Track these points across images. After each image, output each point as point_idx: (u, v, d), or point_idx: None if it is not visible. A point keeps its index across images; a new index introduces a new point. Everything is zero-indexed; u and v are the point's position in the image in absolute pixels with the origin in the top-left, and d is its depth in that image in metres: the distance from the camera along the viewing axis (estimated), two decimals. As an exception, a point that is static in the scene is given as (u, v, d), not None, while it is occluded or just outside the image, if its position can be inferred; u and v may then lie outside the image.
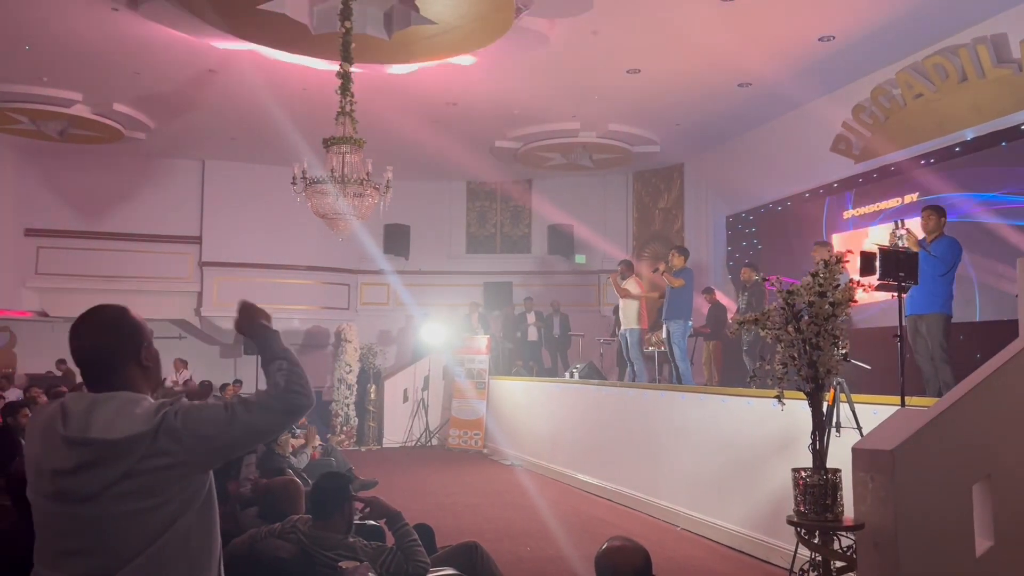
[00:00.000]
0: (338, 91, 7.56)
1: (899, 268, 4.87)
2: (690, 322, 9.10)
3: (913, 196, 9.46)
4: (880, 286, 5.00)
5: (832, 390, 4.62)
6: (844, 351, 3.85)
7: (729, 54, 8.95)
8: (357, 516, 3.72)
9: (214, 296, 14.02)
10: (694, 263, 9.91)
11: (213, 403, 1.80)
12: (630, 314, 9.72)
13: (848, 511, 3.70)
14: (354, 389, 13.38)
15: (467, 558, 3.93)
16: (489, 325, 14.03)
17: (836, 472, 3.72)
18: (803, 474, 3.73)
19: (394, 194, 8.06)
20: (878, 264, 4.83)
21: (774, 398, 4.05)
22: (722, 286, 12.45)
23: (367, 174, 7.62)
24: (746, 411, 6.41)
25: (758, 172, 12.11)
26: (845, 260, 4.05)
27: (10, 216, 13.17)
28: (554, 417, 10.49)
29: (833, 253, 4.07)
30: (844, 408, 4.99)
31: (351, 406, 13.30)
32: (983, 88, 8.21)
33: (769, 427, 5.98)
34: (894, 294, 5.05)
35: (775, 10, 7.89)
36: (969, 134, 8.70)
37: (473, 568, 3.90)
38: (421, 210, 15.01)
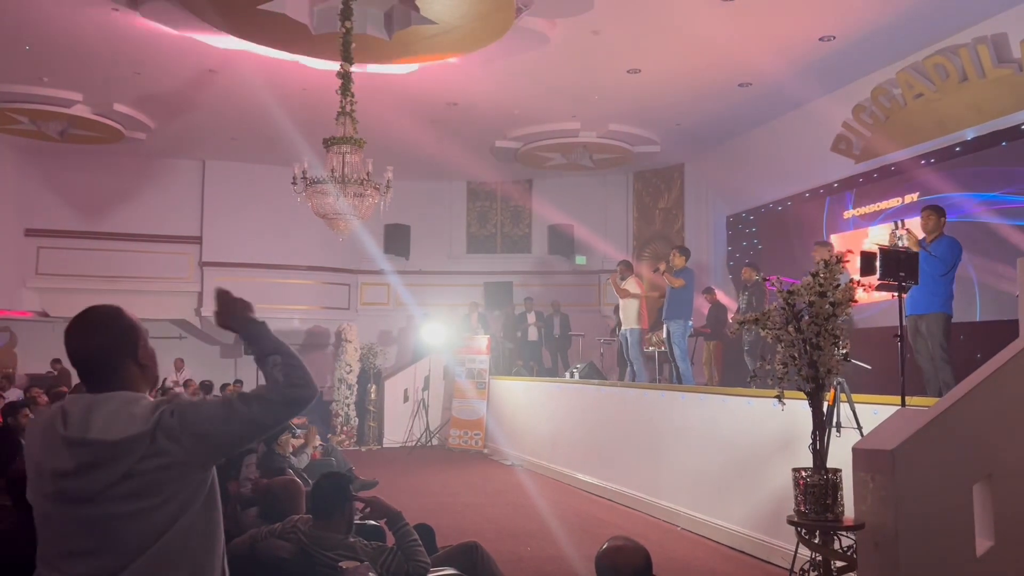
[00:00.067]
0: (338, 91, 7.57)
1: (899, 268, 4.87)
2: (690, 322, 9.10)
3: (913, 196, 9.46)
4: (880, 286, 5.00)
5: (832, 390, 4.62)
6: (844, 351, 3.85)
7: (729, 54, 8.96)
8: (357, 516, 3.72)
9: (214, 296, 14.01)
10: (695, 263, 9.91)
11: (211, 399, 1.80)
12: (630, 314, 9.72)
13: (848, 511, 3.70)
14: (354, 389, 13.39)
15: (467, 558, 3.93)
16: (489, 325, 14.02)
17: (836, 472, 3.72)
18: (804, 474, 3.74)
19: (394, 194, 8.06)
20: (878, 264, 4.83)
21: (774, 398, 4.05)
22: (722, 286, 12.45)
23: (367, 174, 7.62)
24: (746, 411, 6.41)
25: (758, 172, 12.11)
26: (845, 260, 4.05)
27: (10, 216, 13.17)
28: (554, 417, 10.49)
29: (833, 253, 4.07)
30: (844, 408, 4.99)
31: (351, 406, 13.31)
32: (983, 88, 8.21)
33: (769, 427, 5.98)
34: (894, 294, 5.05)
35: (775, 10, 7.90)
36: (969, 134, 8.70)
37: (473, 568, 3.90)
38: (421, 210, 15.02)
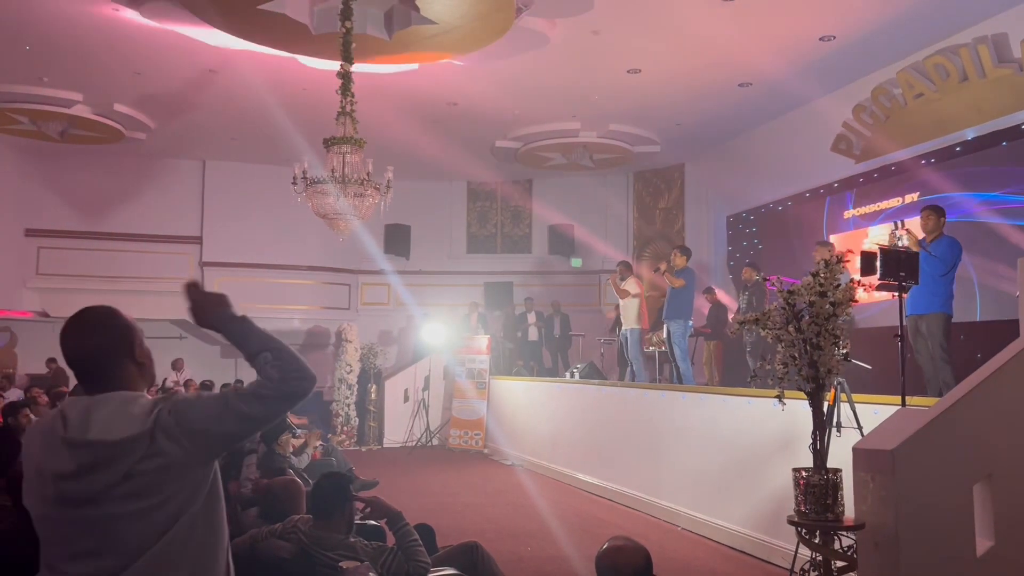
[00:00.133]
0: (339, 91, 7.57)
1: (900, 268, 4.87)
2: (690, 322, 9.09)
3: (914, 196, 9.45)
4: (881, 286, 5.00)
5: (833, 390, 4.62)
6: (845, 351, 3.85)
7: (730, 54, 8.95)
8: (358, 516, 3.72)
9: (215, 296, 14.00)
10: (695, 263, 9.90)
11: (207, 396, 1.78)
12: (630, 314, 9.72)
13: (849, 511, 3.70)
14: (355, 389, 13.39)
15: (468, 558, 3.93)
16: (489, 325, 14.03)
17: (837, 472, 3.72)
18: (804, 474, 3.74)
19: (395, 194, 8.06)
20: (879, 264, 4.83)
21: (775, 398, 4.05)
22: (723, 286, 12.44)
23: (368, 174, 7.62)
24: (747, 411, 6.41)
25: (759, 172, 12.11)
26: (846, 260, 4.05)
27: (11, 216, 13.17)
28: (555, 417, 10.48)
29: (834, 253, 4.07)
30: (845, 408, 4.98)
31: (352, 406, 13.31)
32: (984, 88, 8.21)
33: (770, 427, 5.98)
34: (894, 294, 5.05)
35: (776, 10, 7.89)
36: (970, 134, 8.69)
37: (474, 568, 3.90)
38: (422, 210, 15.01)
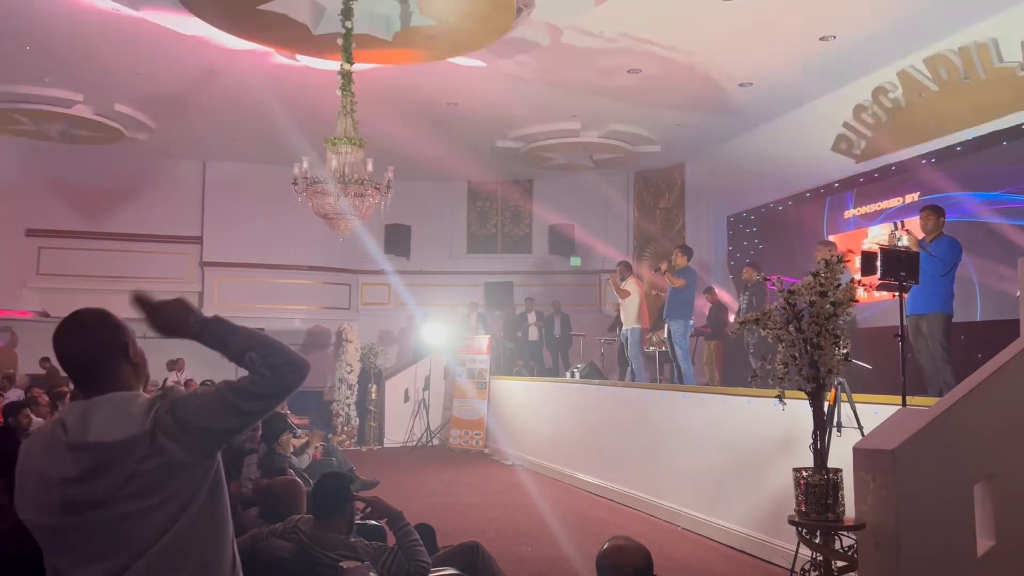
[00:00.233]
0: (339, 91, 7.57)
1: (900, 268, 4.87)
2: (691, 321, 9.09)
3: (914, 196, 9.44)
4: (881, 286, 5.00)
5: (833, 390, 4.62)
6: (845, 351, 3.85)
7: (730, 54, 8.95)
8: (358, 516, 3.72)
9: (215, 296, 14.02)
10: (696, 263, 9.89)
11: (203, 393, 1.78)
12: (631, 314, 9.71)
13: (849, 511, 3.70)
14: (355, 389, 13.38)
15: (468, 558, 3.93)
16: (489, 325, 14.03)
17: (837, 472, 3.72)
18: (804, 474, 3.74)
19: (395, 194, 8.06)
20: (879, 264, 4.83)
21: (775, 398, 4.05)
22: (723, 286, 12.43)
23: (368, 174, 7.62)
24: (747, 411, 6.41)
25: (759, 172, 12.10)
26: (847, 260, 4.05)
27: (11, 216, 13.17)
28: (555, 417, 10.48)
29: (835, 253, 4.07)
30: (845, 408, 4.99)
31: (352, 406, 13.30)
32: (984, 87, 8.20)
33: (770, 427, 5.97)
34: (895, 294, 5.05)
35: (776, 9, 7.89)
36: (970, 133, 8.68)
37: (474, 568, 3.90)
38: (422, 210, 15.02)
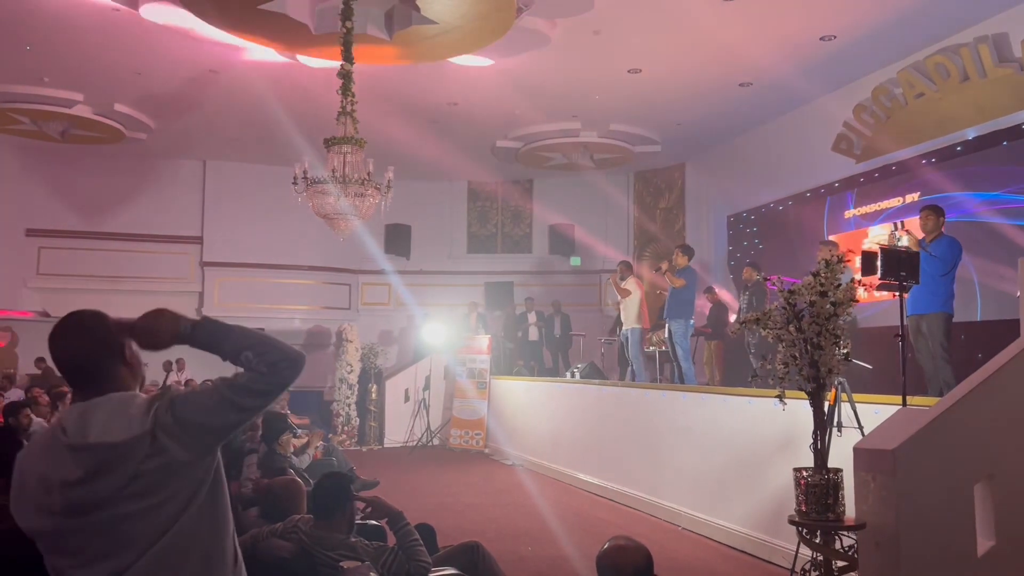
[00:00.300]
0: (339, 91, 7.57)
1: (900, 268, 4.86)
2: (692, 321, 9.08)
3: (914, 195, 9.43)
4: (881, 285, 5.00)
5: (833, 390, 4.61)
6: (845, 351, 3.85)
7: (730, 53, 8.95)
8: (358, 516, 3.72)
9: (215, 296, 14.03)
10: (696, 263, 9.88)
11: (201, 390, 1.78)
12: (631, 314, 9.71)
13: (849, 511, 3.70)
14: (355, 389, 13.38)
15: (468, 558, 3.93)
16: (489, 325, 14.03)
17: (837, 472, 3.72)
18: (805, 474, 3.74)
19: (395, 194, 8.06)
20: (879, 264, 4.83)
21: (775, 398, 4.05)
22: (724, 286, 12.43)
23: (368, 174, 7.62)
24: (748, 411, 6.41)
25: (759, 172, 12.10)
26: (848, 260, 4.05)
27: (11, 216, 13.18)
28: (555, 417, 10.48)
29: (835, 253, 4.07)
30: (845, 408, 4.98)
31: (352, 406, 13.30)
32: (984, 87, 8.21)
33: (770, 427, 5.97)
34: (895, 294, 5.04)
35: (776, 9, 7.89)
36: (970, 133, 8.68)
37: (474, 568, 3.90)
38: (422, 210, 15.02)
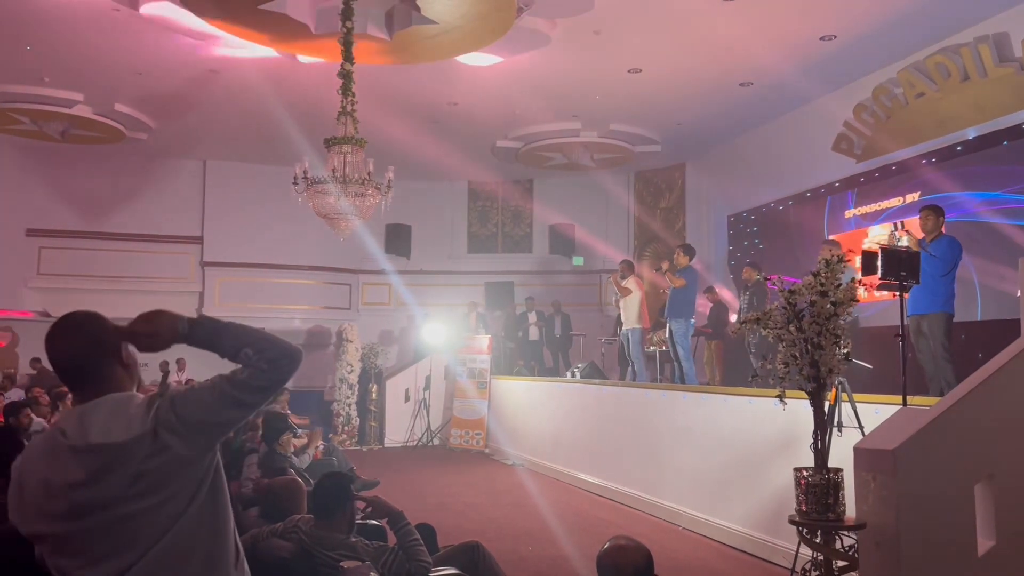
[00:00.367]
0: (339, 91, 7.57)
1: (901, 267, 4.86)
2: (692, 320, 9.08)
3: (915, 195, 9.43)
4: (881, 285, 5.00)
5: (834, 389, 4.61)
6: (846, 350, 3.85)
7: (731, 53, 8.95)
8: (359, 516, 3.72)
9: (216, 296, 14.03)
10: (696, 263, 9.86)
11: (200, 387, 1.78)
12: (631, 313, 9.71)
13: (850, 510, 3.70)
14: (355, 389, 13.38)
15: (469, 558, 3.93)
16: (488, 325, 14.03)
17: (838, 471, 3.72)
18: (805, 473, 3.74)
19: (395, 194, 8.06)
20: (880, 263, 4.82)
21: (776, 398, 4.05)
22: (724, 286, 12.42)
23: (368, 174, 7.62)
24: (748, 411, 6.40)
25: (759, 171, 12.10)
26: (848, 260, 4.05)
27: (12, 216, 13.18)
28: (556, 417, 10.48)
29: (835, 253, 4.07)
30: (846, 407, 4.98)
31: (352, 406, 13.30)
32: (985, 87, 8.21)
33: (771, 427, 5.97)
34: (895, 293, 5.04)
35: (776, 9, 7.89)
36: (971, 133, 8.68)
37: (475, 568, 3.89)
38: (422, 210, 15.03)
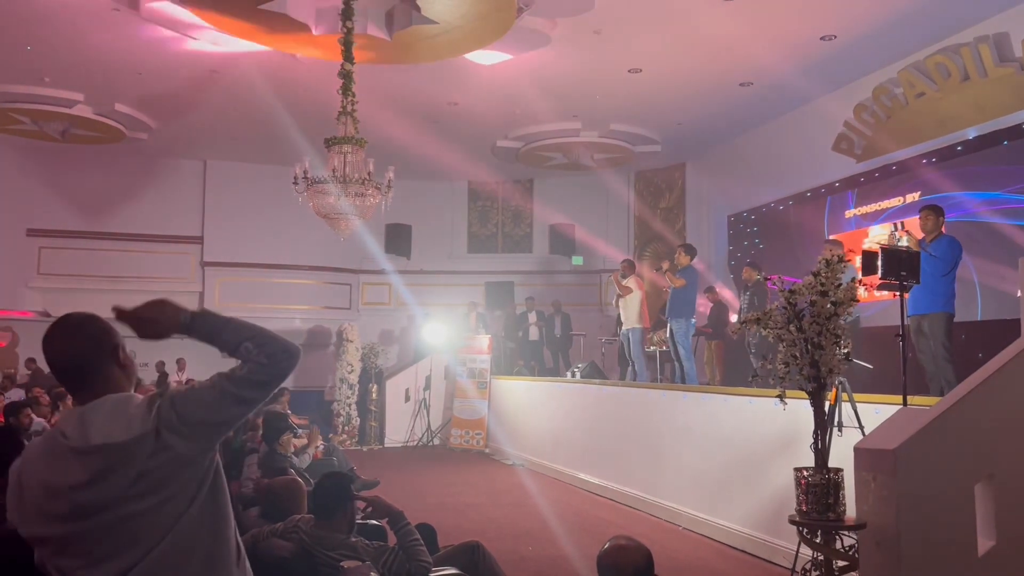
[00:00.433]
0: (340, 91, 7.57)
1: (901, 267, 4.86)
2: (693, 320, 9.08)
3: (915, 195, 9.43)
4: (882, 285, 5.00)
5: (834, 389, 4.61)
6: (846, 350, 3.85)
7: (731, 53, 8.96)
8: (359, 516, 3.72)
9: (216, 296, 14.03)
10: (697, 262, 9.86)
11: (201, 386, 1.79)
12: (631, 313, 9.71)
13: (850, 510, 3.70)
14: (356, 389, 13.39)
15: (469, 558, 3.93)
16: (488, 325, 14.03)
17: (838, 471, 3.72)
18: (805, 473, 3.73)
19: (395, 194, 8.06)
20: (880, 263, 4.82)
21: (776, 397, 4.05)
22: (724, 286, 12.42)
23: (369, 174, 7.63)
24: (748, 410, 6.40)
25: (760, 171, 12.10)
26: (849, 259, 4.05)
27: (12, 216, 13.19)
28: (556, 417, 10.48)
29: (836, 252, 4.07)
30: (846, 407, 4.98)
31: (353, 406, 13.30)
32: (985, 87, 8.21)
33: (771, 426, 5.97)
34: (896, 293, 5.04)
35: (777, 9, 7.90)
36: (971, 133, 8.68)
37: (475, 567, 3.89)
38: (422, 210, 15.02)
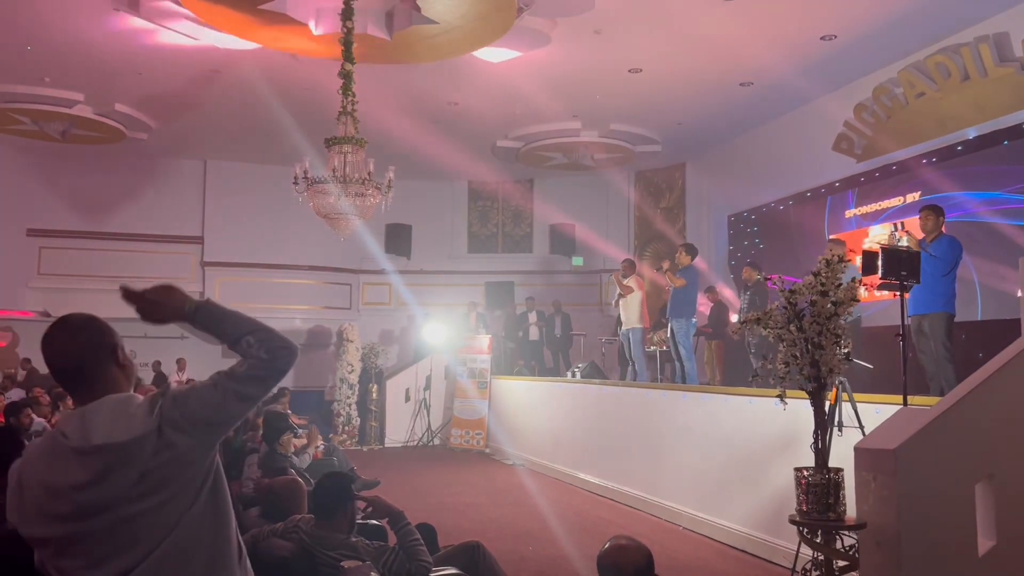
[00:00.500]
0: (340, 91, 7.57)
1: (901, 267, 4.86)
2: (694, 320, 9.08)
3: (915, 195, 9.43)
4: (882, 285, 5.00)
5: (834, 389, 4.61)
6: (846, 350, 3.85)
7: (731, 53, 8.96)
8: (359, 516, 3.72)
9: (216, 296, 14.02)
10: (697, 262, 9.86)
11: (202, 385, 1.78)
12: (632, 313, 9.71)
13: (850, 510, 3.70)
14: (356, 389, 13.39)
15: (469, 557, 3.93)
16: (488, 325, 14.03)
17: (838, 471, 3.72)
18: (805, 473, 3.74)
19: (396, 194, 8.06)
20: (880, 263, 4.82)
21: (776, 397, 4.05)
22: (724, 285, 12.42)
23: (369, 174, 7.63)
24: (748, 410, 6.40)
25: (760, 171, 12.11)
26: (850, 259, 4.05)
27: (12, 216, 13.19)
28: (556, 417, 10.48)
29: (836, 252, 4.07)
30: (846, 407, 4.98)
31: (353, 406, 13.30)
32: (985, 87, 8.21)
33: (771, 426, 5.97)
34: (896, 293, 5.04)
35: (777, 9, 7.90)
36: (971, 133, 8.68)
37: (475, 567, 3.90)
38: (423, 210, 15.02)
